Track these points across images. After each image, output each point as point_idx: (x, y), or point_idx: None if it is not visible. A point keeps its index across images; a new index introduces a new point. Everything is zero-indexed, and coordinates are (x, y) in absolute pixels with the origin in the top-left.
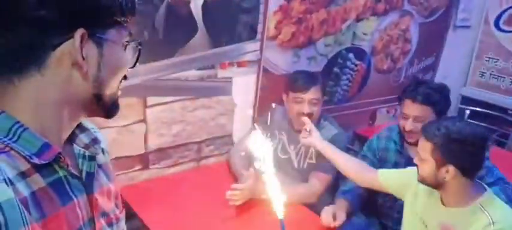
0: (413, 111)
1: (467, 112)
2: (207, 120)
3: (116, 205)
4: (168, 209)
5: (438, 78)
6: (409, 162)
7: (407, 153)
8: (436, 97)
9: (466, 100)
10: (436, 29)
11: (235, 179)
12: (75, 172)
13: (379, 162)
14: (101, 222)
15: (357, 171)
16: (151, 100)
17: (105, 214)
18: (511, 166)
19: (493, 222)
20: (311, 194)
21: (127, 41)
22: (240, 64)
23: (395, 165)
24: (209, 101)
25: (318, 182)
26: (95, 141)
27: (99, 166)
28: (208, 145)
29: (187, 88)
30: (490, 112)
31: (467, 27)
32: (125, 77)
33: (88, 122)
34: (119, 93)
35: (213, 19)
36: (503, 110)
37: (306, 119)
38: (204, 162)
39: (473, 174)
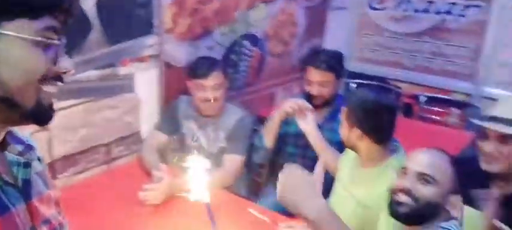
0: (317, 76)
1: (354, 85)
2: (113, 120)
3: (58, 212)
4: (82, 217)
5: None
6: None
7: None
8: (335, 63)
9: (351, 75)
10: (319, 11)
11: (150, 177)
12: (10, 180)
13: (285, 125)
14: (43, 229)
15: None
16: None
17: (47, 221)
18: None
19: None
20: (227, 177)
21: (45, 37)
22: (140, 60)
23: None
24: (113, 100)
25: (231, 165)
26: (29, 147)
27: (36, 173)
28: (117, 145)
29: (88, 89)
30: (372, 82)
31: (345, 8)
32: (60, 80)
33: (21, 133)
34: (48, 97)
35: (108, 16)
36: (382, 79)
37: (306, 105)
38: (115, 163)
39: (378, 137)
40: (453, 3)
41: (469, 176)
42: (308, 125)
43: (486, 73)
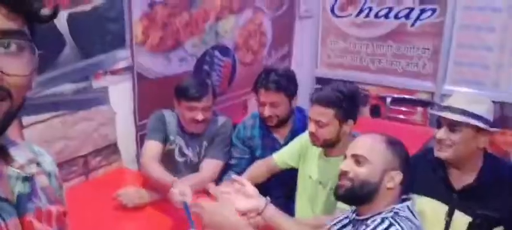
0: (268, 98)
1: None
2: (90, 132)
3: (60, 228)
4: None
5: (294, 64)
6: (274, 143)
7: (272, 134)
8: (285, 83)
9: (320, 80)
10: (285, 21)
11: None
12: (4, 195)
13: (249, 149)
14: None
15: (260, 173)
16: (27, 120)
17: None
18: (360, 128)
19: None
20: (203, 180)
21: None
22: (113, 73)
23: (264, 148)
24: (88, 113)
25: (209, 168)
26: (32, 161)
27: (41, 188)
28: (95, 157)
29: (64, 102)
30: None
31: (310, 17)
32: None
33: (34, 146)
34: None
35: (80, 31)
36: (350, 83)
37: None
38: (93, 174)
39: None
40: (411, 8)
41: (428, 167)
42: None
43: (445, 72)
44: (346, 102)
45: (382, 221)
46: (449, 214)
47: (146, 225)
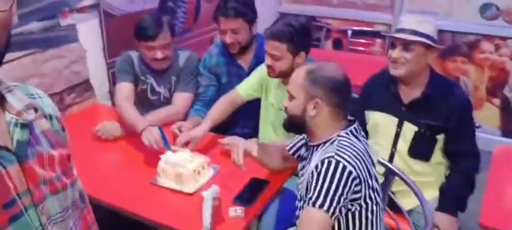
0: (228, 25)
1: None
2: (61, 69)
3: (64, 172)
4: None
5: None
6: (239, 69)
7: (236, 61)
8: (243, 8)
9: (283, 16)
10: None
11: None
12: (3, 143)
13: (215, 76)
14: (42, 190)
15: (226, 106)
16: None
17: (46, 182)
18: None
19: None
20: (174, 113)
21: None
22: (80, 11)
23: (229, 75)
24: (59, 51)
25: (180, 101)
26: (30, 106)
27: (42, 132)
28: (69, 94)
29: (33, 41)
30: None
31: None
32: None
33: (31, 87)
34: None
35: None
36: (312, 18)
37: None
38: (69, 110)
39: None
40: None
41: (383, 85)
42: (197, 132)
43: (401, 4)
44: (297, 35)
45: (329, 164)
46: (399, 125)
47: (124, 154)
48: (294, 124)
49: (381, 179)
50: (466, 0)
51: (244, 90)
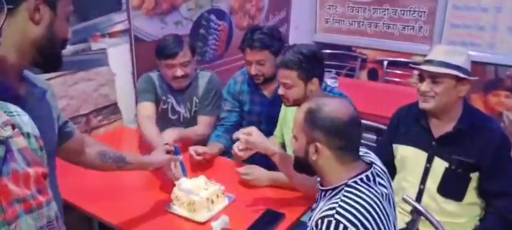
0: (253, 56)
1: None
2: (90, 92)
3: (39, 190)
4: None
5: (291, 29)
6: (262, 98)
7: (260, 90)
8: (270, 41)
9: (318, 45)
10: None
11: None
12: None
13: (239, 103)
14: (15, 209)
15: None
16: None
17: (20, 201)
18: (357, 91)
19: None
20: (196, 136)
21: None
22: (111, 35)
23: (252, 103)
24: (88, 74)
25: (203, 125)
26: (7, 123)
27: (18, 149)
28: (96, 116)
29: (64, 63)
30: (338, 51)
31: None
32: None
33: (11, 105)
34: None
35: None
36: (348, 48)
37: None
38: (95, 132)
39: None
40: None
41: (412, 119)
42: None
43: (440, 35)
44: (307, 62)
45: (328, 224)
46: (429, 161)
47: (143, 177)
48: (302, 166)
49: (408, 218)
50: (510, 31)
51: (278, 136)
